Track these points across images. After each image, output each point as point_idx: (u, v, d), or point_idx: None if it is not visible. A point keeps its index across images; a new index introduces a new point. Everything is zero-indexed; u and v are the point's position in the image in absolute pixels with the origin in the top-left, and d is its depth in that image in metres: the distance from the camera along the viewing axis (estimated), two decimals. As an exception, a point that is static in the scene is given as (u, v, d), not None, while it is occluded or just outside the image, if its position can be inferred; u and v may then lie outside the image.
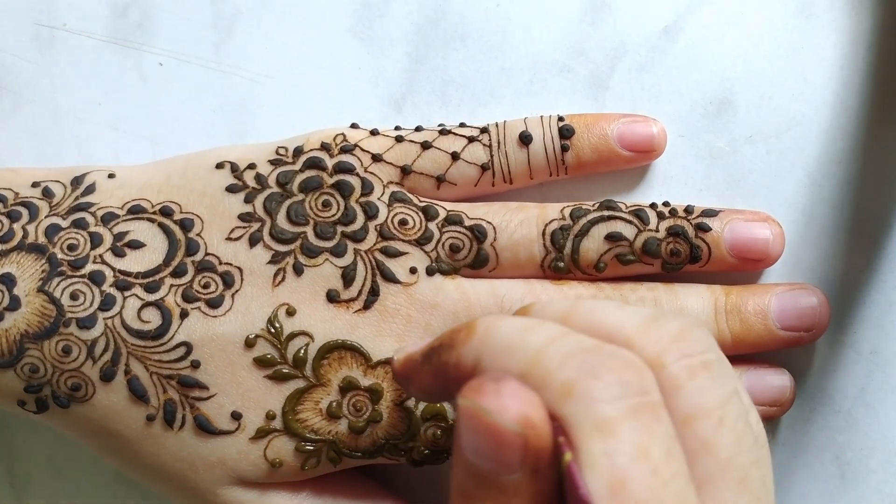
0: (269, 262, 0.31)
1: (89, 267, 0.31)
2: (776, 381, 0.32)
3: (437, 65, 0.35)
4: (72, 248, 0.31)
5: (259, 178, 0.32)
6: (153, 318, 0.31)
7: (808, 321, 0.32)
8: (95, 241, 0.31)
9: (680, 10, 0.35)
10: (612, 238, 0.32)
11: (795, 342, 0.32)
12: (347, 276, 0.31)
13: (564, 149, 0.33)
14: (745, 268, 0.33)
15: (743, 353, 0.33)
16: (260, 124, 0.36)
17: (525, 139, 0.33)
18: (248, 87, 0.36)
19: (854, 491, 0.34)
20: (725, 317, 0.32)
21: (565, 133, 0.33)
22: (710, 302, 0.32)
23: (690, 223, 0.32)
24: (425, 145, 0.33)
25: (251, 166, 0.32)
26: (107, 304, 0.31)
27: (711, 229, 0.32)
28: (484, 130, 0.33)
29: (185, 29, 0.36)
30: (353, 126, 0.34)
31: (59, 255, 0.31)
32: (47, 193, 0.32)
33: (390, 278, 0.32)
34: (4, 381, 0.31)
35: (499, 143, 0.33)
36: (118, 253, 0.31)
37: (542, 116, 0.33)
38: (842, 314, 0.34)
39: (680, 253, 0.32)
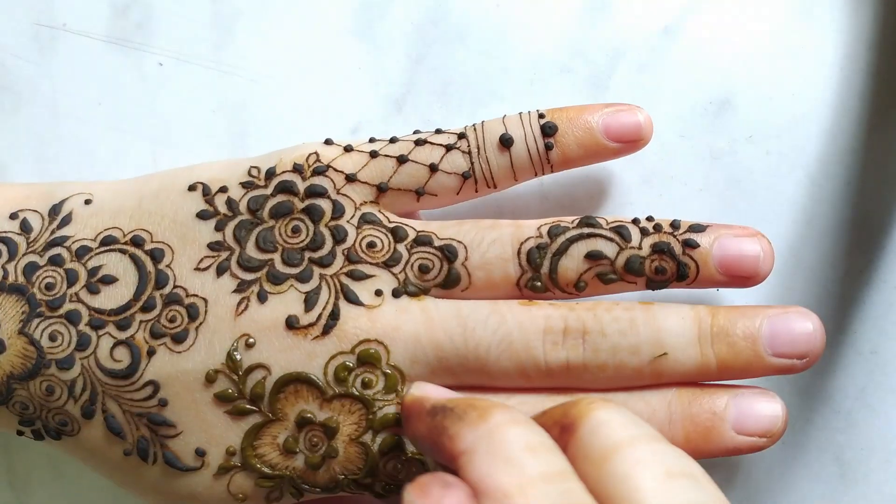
0: (234, 291, 0.31)
1: (66, 307, 0.31)
2: (767, 409, 0.31)
3: (437, 65, 0.35)
4: (49, 287, 0.31)
5: (230, 204, 0.32)
6: (124, 358, 0.31)
7: (802, 348, 0.30)
8: (71, 278, 0.31)
9: (680, 10, 0.35)
10: (592, 257, 0.31)
11: (787, 370, 0.30)
12: (309, 301, 0.31)
13: (548, 147, 0.31)
14: (733, 285, 0.31)
15: (727, 380, 0.31)
16: (260, 124, 0.36)
17: (506, 142, 0.31)
18: (248, 87, 0.36)
19: (854, 491, 0.34)
20: (711, 340, 0.30)
21: (548, 131, 0.31)
22: (692, 323, 0.30)
23: (677, 239, 0.31)
24: (401, 160, 0.32)
25: (223, 189, 0.32)
26: (82, 344, 0.31)
27: (699, 245, 0.31)
28: (462, 136, 0.32)
29: (185, 29, 0.36)
30: (328, 142, 0.33)
31: (38, 296, 0.31)
32: (25, 228, 0.32)
33: (354, 301, 0.31)
34: (1, 416, 0.31)
35: (478, 148, 0.32)
36: (92, 290, 0.31)
37: (521, 114, 0.32)
38: (842, 314, 0.34)
39: (665, 271, 0.31)
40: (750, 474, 0.34)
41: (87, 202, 0.32)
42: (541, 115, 0.32)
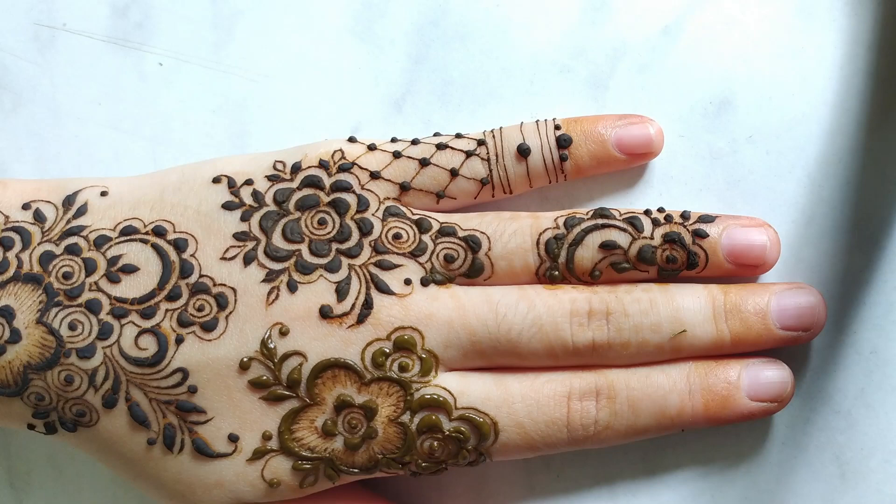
0: (263, 281, 0.31)
1: (85, 295, 0.31)
2: (777, 375, 0.32)
3: (437, 65, 0.36)
4: (67, 276, 0.31)
5: (256, 196, 0.32)
6: (150, 346, 0.31)
7: (807, 320, 0.32)
8: (90, 267, 0.31)
9: (680, 10, 0.35)
10: (607, 247, 0.32)
11: (794, 341, 0.32)
12: (341, 291, 0.31)
13: (563, 158, 0.33)
14: (741, 273, 0.33)
15: (741, 353, 0.33)
16: (260, 124, 0.36)
17: (523, 152, 0.33)
18: (248, 87, 0.36)
19: (854, 491, 0.34)
20: (725, 316, 0.32)
21: (563, 143, 0.33)
22: (707, 301, 0.32)
23: (687, 229, 0.32)
24: (423, 162, 0.33)
25: (248, 182, 0.32)
26: (104, 333, 0.31)
27: (709, 235, 0.32)
28: (481, 143, 0.33)
29: (185, 29, 0.36)
30: (351, 140, 0.33)
31: (56, 285, 0.31)
32: (39, 217, 0.32)
33: (384, 290, 0.31)
34: (13, 408, 0.31)
35: (497, 156, 0.33)
36: (113, 279, 0.31)
37: (538, 123, 0.33)
38: (842, 314, 0.34)
39: (676, 259, 0.32)
40: (750, 474, 0.34)
41: (103, 194, 0.33)
42: (556, 126, 0.33)
